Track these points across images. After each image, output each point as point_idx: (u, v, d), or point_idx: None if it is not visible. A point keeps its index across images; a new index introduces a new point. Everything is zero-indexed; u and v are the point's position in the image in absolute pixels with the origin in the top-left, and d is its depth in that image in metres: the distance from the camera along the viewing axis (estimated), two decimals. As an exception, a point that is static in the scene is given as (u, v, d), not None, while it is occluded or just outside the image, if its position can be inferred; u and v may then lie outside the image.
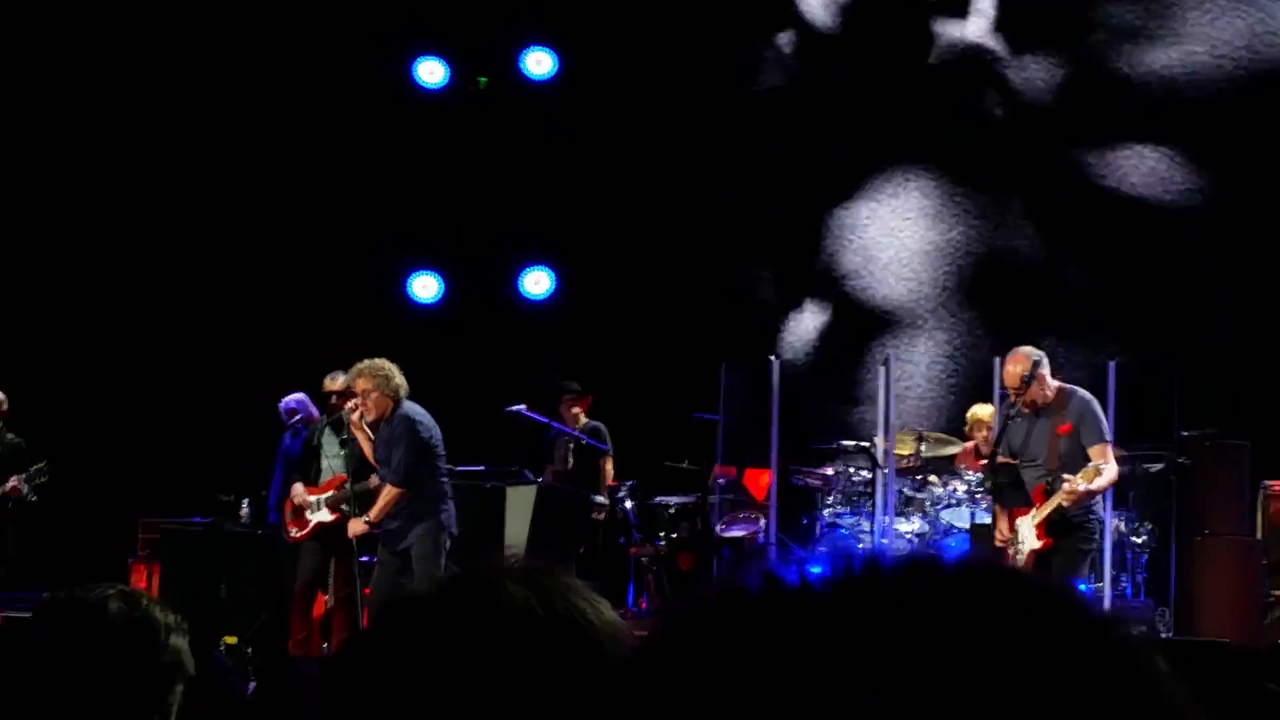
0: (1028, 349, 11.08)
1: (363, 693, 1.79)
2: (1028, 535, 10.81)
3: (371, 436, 11.97)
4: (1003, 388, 11.21)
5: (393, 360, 11.93)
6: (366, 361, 11.91)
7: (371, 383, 11.76)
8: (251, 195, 17.11)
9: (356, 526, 11.94)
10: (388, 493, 11.74)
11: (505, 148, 17.50)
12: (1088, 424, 10.81)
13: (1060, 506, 10.72)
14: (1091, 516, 10.95)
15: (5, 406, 13.69)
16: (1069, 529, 10.77)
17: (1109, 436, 10.94)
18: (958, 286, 16.24)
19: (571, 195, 17.29)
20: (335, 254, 17.71)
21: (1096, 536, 11.06)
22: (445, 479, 11.96)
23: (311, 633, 12.59)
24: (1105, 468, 10.79)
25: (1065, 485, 10.70)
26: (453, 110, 17.59)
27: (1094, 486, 10.78)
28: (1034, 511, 10.84)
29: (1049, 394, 10.93)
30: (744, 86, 16.81)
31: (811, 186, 16.31)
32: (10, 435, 13.72)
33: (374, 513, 11.80)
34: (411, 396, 11.92)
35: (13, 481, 13.46)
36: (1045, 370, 10.94)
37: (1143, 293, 15.19)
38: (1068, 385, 11.18)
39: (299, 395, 14.05)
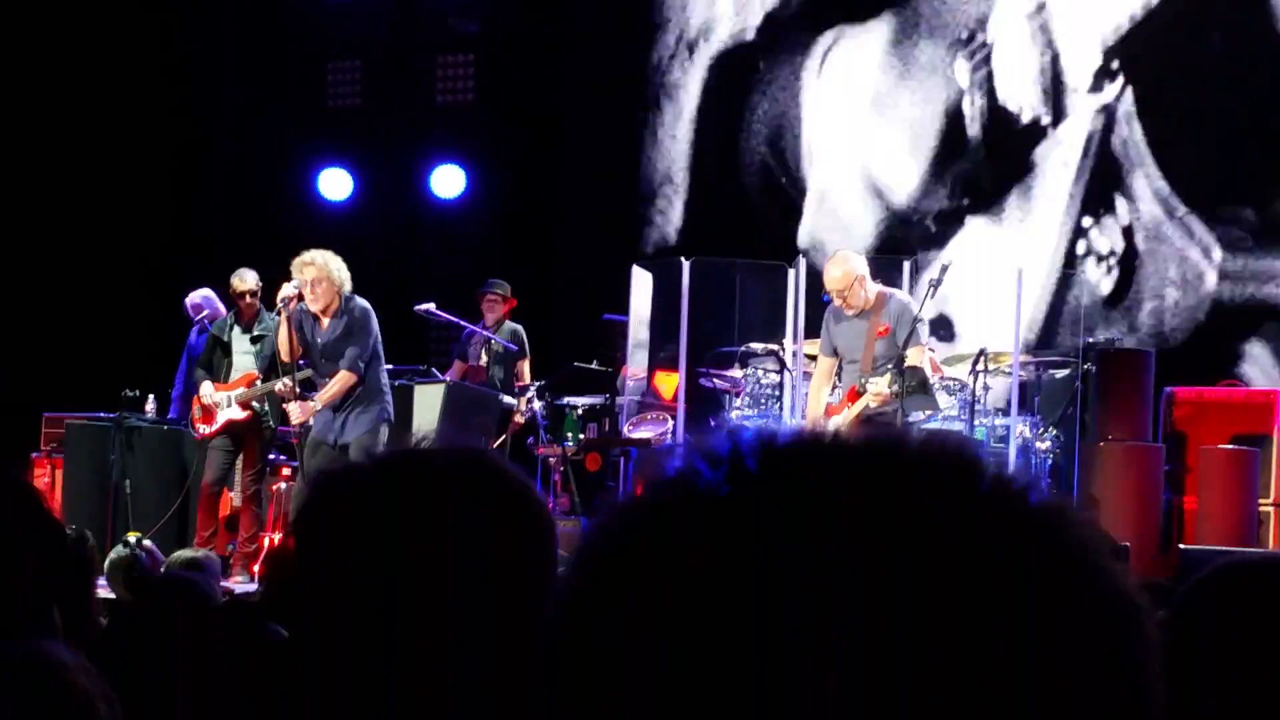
0: (847, 253, 11.42)
1: (311, 557, 1.82)
2: None
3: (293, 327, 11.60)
4: (825, 292, 11.32)
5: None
6: (312, 251, 11.51)
7: (323, 272, 11.41)
8: (161, 88, 16.90)
9: (306, 408, 11.48)
10: (344, 379, 11.43)
11: (421, 46, 17.36)
12: (904, 326, 10.93)
13: (869, 406, 10.88)
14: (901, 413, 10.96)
15: None
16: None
17: (924, 339, 11.12)
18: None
19: (486, 94, 17.19)
20: (244, 149, 17.55)
21: None
22: (386, 372, 11.89)
23: (217, 530, 12.54)
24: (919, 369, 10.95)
25: (871, 387, 10.86)
26: (364, 8, 17.41)
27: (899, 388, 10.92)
28: (845, 410, 10.97)
29: (870, 297, 11.12)
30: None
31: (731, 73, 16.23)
32: None
33: (326, 397, 11.45)
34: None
35: None
36: (865, 273, 11.15)
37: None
38: (887, 289, 11.40)
39: (205, 291, 13.91)
